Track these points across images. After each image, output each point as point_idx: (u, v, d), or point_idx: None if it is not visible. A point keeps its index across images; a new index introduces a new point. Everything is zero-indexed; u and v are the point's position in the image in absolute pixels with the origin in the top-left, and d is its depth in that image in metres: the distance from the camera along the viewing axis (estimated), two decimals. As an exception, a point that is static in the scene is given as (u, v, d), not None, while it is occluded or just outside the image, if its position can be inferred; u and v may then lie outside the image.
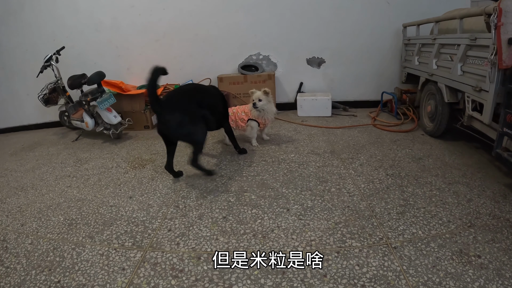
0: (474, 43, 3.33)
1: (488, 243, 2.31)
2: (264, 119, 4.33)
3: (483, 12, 3.06)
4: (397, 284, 2.00)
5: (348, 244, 2.37)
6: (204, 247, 2.41)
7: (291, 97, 6.31)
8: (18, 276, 2.24)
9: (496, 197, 2.88)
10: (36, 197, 3.40)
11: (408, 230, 2.50)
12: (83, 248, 2.50)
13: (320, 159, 3.87)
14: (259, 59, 6.21)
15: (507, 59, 2.83)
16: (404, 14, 5.65)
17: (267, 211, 2.84)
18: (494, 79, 2.98)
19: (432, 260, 2.18)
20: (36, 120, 6.46)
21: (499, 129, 2.91)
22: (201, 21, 5.96)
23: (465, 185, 3.11)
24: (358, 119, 5.48)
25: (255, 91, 4.30)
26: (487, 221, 2.56)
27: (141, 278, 2.15)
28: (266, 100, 4.19)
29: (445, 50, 4.08)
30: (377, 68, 6.11)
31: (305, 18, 5.90)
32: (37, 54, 5.56)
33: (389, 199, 2.93)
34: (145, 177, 3.64)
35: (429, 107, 4.50)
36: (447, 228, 2.50)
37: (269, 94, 4.23)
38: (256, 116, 4.29)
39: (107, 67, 5.35)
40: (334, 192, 3.10)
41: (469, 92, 3.47)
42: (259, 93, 4.21)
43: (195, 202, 3.07)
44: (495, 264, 2.11)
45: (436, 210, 2.74)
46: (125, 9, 5.87)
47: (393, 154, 3.89)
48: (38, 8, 5.82)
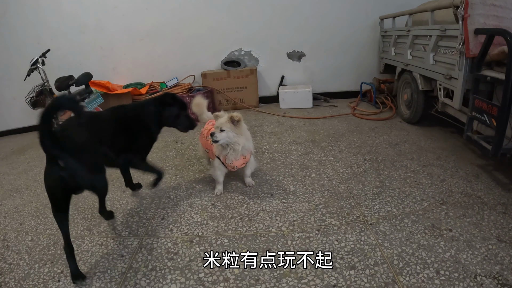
0: (444, 34, 3.51)
1: (459, 218, 2.50)
2: (231, 160, 2.94)
3: (452, 5, 3.22)
4: (373, 255, 2.19)
5: (328, 223, 2.56)
6: (196, 232, 2.58)
7: (273, 90, 6.47)
8: (22, 270, 2.32)
9: (468, 177, 3.07)
10: (32, 197, 3.44)
11: (383, 208, 2.69)
12: (83, 240, 2.60)
13: (301, 148, 4.04)
14: (241, 54, 6.34)
15: (474, 48, 3.01)
16: (381, 7, 5.81)
17: (252, 197, 3.01)
18: (462, 67, 3.18)
19: (405, 234, 2.37)
20: (24, 123, 6.39)
21: (469, 114, 3.09)
22: (183, 20, 6.05)
23: (439, 167, 3.30)
24: (338, 109, 5.67)
25: (220, 115, 2.95)
26: (459, 199, 2.75)
27: (139, 263, 2.30)
28: (233, 131, 2.83)
29: (418, 41, 4.26)
30: (355, 59, 6.29)
31: (284, 13, 6.03)
32: (23, 58, 5.54)
33: (366, 182, 3.13)
34: (136, 172, 3.73)
35: (406, 96, 4.69)
36: (420, 206, 2.69)
37: (241, 122, 2.86)
38: (219, 152, 2.99)
39: (93, 68, 5.40)
40: (314, 177, 3.29)
41: (441, 80, 3.65)
42: (223, 119, 2.85)
43: (185, 192, 3.22)
44: (465, 237, 2.29)
45: (410, 190, 2.93)
46: (109, 10, 5.92)
47: (371, 141, 4.09)
48: (22, 11, 5.82)
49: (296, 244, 2.35)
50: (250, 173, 3.22)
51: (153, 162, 3.46)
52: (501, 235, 2.29)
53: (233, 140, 2.83)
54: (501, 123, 2.56)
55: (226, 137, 2.81)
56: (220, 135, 2.79)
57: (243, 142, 2.87)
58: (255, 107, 6.15)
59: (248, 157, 3.03)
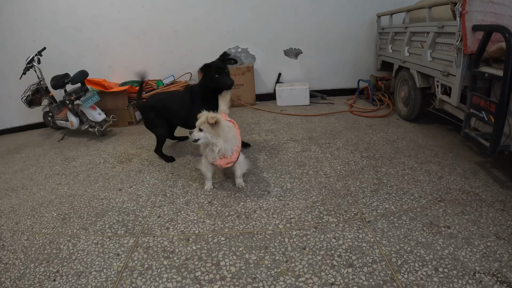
0: (442, 30, 3.49)
1: (457, 215, 2.49)
2: (211, 159, 2.94)
3: (449, 1, 3.20)
4: (371, 253, 2.18)
5: (325, 220, 2.55)
6: (192, 230, 2.57)
7: (270, 87, 6.45)
8: (18, 270, 2.31)
9: (466, 174, 3.06)
10: (28, 196, 3.43)
11: (381, 205, 2.68)
12: (78, 239, 2.59)
13: (298, 145, 4.03)
14: (238, 52, 6.31)
15: (472, 44, 2.99)
16: (378, 4, 5.79)
17: (249, 194, 3.00)
18: (460, 64, 3.15)
19: (403, 231, 2.36)
20: (20, 122, 6.41)
21: (467, 110, 3.08)
22: (180, 17, 6.02)
23: (436, 164, 3.29)
24: (336, 107, 5.65)
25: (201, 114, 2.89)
26: (457, 196, 2.74)
27: (135, 261, 2.29)
28: (211, 134, 2.79)
29: (416, 38, 4.24)
30: (353, 57, 6.27)
31: (281, 10, 6.00)
32: (18, 56, 5.56)
33: (363, 179, 3.12)
34: (132, 170, 3.74)
35: (403, 93, 4.68)
36: (418, 203, 2.68)
37: (219, 124, 2.78)
38: (203, 150, 3.04)
39: (89, 66, 5.37)
40: (311, 174, 3.27)
41: (438, 77, 3.63)
42: (202, 119, 2.82)
43: (182, 190, 3.21)
44: (464, 234, 2.29)
45: (408, 187, 2.93)
46: (105, 7, 5.88)
47: (369, 138, 4.08)
48: (17, 10, 5.78)
49: (293, 242, 2.33)
50: (240, 174, 3.16)
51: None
52: (499, 232, 2.28)
53: (211, 141, 2.82)
54: (499, 120, 2.55)
55: (204, 137, 2.81)
56: (198, 134, 2.81)
57: (221, 144, 2.81)
58: (252, 104, 6.13)
59: (234, 158, 2.94)
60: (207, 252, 2.31)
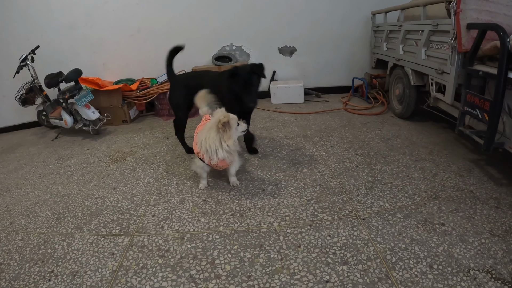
0: (436, 28, 3.50)
1: (452, 212, 2.50)
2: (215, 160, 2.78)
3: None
4: (365, 250, 2.18)
5: (320, 218, 2.55)
6: (187, 228, 2.56)
7: (265, 85, 6.37)
8: (12, 270, 2.29)
9: (461, 172, 3.08)
10: (22, 196, 3.41)
11: (376, 203, 2.69)
12: (73, 238, 2.58)
13: (293, 143, 4.04)
14: (232, 49, 6.30)
15: (466, 43, 3.00)
16: (373, 2, 5.81)
17: (243, 192, 3.00)
18: (454, 62, 3.17)
19: (398, 228, 2.37)
20: (13, 121, 6.34)
21: (461, 108, 3.09)
22: (174, 15, 5.99)
23: (431, 162, 3.31)
24: (330, 104, 5.67)
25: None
26: (451, 193, 2.75)
27: (130, 261, 2.28)
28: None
29: (410, 36, 4.25)
30: (347, 54, 6.28)
31: (276, 8, 6.00)
32: (12, 55, 5.51)
33: (358, 177, 3.12)
34: (127, 169, 3.73)
35: (398, 91, 4.70)
36: (413, 200, 2.69)
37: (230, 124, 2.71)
38: (197, 150, 2.89)
39: (83, 64, 5.37)
40: (306, 172, 3.28)
41: (432, 75, 3.65)
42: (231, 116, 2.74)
43: (176, 188, 3.20)
44: (458, 231, 2.30)
45: (402, 184, 2.94)
46: (99, 5, 5.85)
47: (363, 136, 4.09)
48: (10, 8, 5.73)
49: (288, 240, 2.34)
50: (234, 171, 3.12)
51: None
52: (493, 229, 2.30)
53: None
54: (493, 118, 2.56)
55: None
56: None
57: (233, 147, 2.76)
58: (247, 102, 6.10)
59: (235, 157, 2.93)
60: (202, 251, 2.31)
